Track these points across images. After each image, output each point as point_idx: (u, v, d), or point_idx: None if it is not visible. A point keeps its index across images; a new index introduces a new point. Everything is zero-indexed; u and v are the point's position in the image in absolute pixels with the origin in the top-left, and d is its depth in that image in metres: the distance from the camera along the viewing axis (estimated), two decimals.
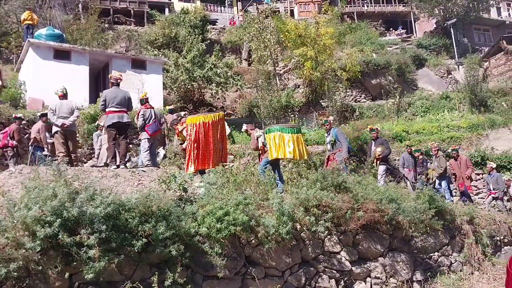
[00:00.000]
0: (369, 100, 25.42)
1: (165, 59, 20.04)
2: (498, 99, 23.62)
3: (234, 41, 28.92)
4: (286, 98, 21.78)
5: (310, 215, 6.48)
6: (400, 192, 7.98)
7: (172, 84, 19.70)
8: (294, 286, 6.27)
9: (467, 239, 8.33)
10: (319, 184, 7.05)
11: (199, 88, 20.30)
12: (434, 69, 28.71)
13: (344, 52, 25.34)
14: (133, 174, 7.96)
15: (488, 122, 19.68)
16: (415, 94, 25.33)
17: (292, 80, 25.74)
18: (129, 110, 9.03)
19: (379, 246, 7.11)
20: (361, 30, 31.03)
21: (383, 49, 28.63)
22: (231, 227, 5.57)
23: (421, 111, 22.57)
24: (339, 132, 10.11)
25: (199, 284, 5.53)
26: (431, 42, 32.04)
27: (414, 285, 7.20)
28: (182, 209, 5.68)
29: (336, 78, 22.94)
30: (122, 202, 5.18)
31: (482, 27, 36.66)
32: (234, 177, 6.65)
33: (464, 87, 23.62)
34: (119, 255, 4.89)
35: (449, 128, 18.86)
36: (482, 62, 29.64)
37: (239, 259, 5.84)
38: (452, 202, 10.19)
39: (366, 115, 22.48)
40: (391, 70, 25.59)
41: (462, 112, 22.16)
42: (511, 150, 15.81)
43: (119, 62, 18.19)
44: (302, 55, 22.34)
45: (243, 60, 28.09)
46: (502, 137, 18.29)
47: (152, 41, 24.34)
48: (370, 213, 6.84)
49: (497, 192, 12.56)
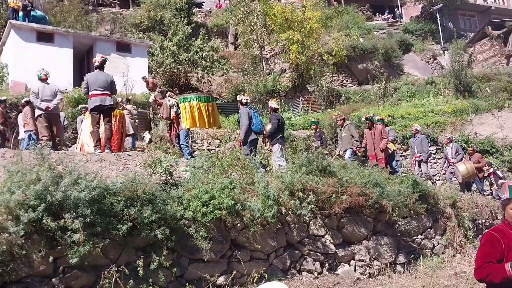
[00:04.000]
0: (356, 85, 25.49)
1: (150, 42, 19.81)
2: (483, 84, 23.84)
3: (220, 25, 28.65)
4: (273, 82, 21.71)
5: (295, 199, 6.53)
6: (385, 176, 8.07)
7: (158, 68, 19.52)
8: (279, 269, 6.34)
9: (449, 223, 8.48)
10: (304, 168, 7.10)
11: (185, 72, 20.14)
12: (420, 54, 28.83)
13: (330, 36, 25.27)
14: (118, 158, 7.91)
15: (472, 108, 19.90)
16: (401, 79, 25.44)
17: (279, 64, 25.65)
18: (113, 94, 8.90)
19: (363, 229, 7.20)
20: (348, 14, 30.94)
21: (369, 34, 28.62)
22: (217, 211, 5.60)
23: (406, 96, 22.71)
24: (241, 112, 9.33)
25: (185, 267, 5.57)
26: (417, 27, 32.10)
27: (398, 267, 7.32)
28: (168, 193, 5.68)
29: (322, 62, 22.92)
30: (107, 186, 5.16)
31: (468, 13, 36.78)
32: (220, 161, 6.65)
33: (449, 72, 23.77)
34: (104, 239, 4.88)
35: (434, 113, 19.02)
36: (467, 47, 29.82)
37: (224, 242, 5.88)
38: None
39: (352, 100, 22.56)
40: (378, 55, 25.64)
41: (447, 97, 22.33)
42: (494, 135, 16.05)
43: (104, 45, 17.95)
44: (289, 39, 22.24)
45: (229, 44, 27.87)
46: (486, 122, 18.53)
47: (137, 24, 24.02)
48: (354, 197, 6.92)
49: (422, 155, 12.33)
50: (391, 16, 35.20)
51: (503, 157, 15.03)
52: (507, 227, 2.91)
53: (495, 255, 2.79)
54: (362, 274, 6.93)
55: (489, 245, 2.85)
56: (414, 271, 7.22)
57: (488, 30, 29.14)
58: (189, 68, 20.22)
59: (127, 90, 16.02)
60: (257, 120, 9.05)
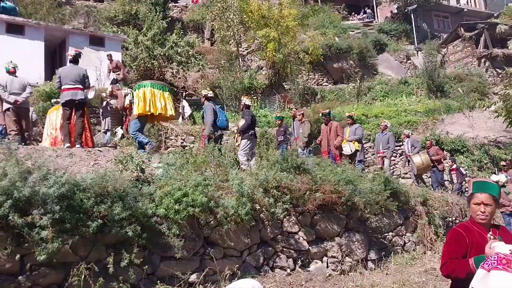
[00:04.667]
0: (331, 84, 25.70)
1: (124, 36, 19.51)
2: (455, 84, 24.39)
3: (197, 20, 28.42)
4: (249, 79, 21.69)
5: (270, 196, 6.52)
6: (358, 174, 8.15)
7: (132, 62, 19.22)
8: (252, 266, 6.33)
9: (420, 220, 8.63)
10: (279, 166, 7.10)
11: (160, 67, 19.89)
12: (394, 55, 29.26)
13: (307, 34, 25.39)
14: (89, 153, 7.76)
15: (444, 107, 20.35)
16: (375, 79, 25.77)
17: (255, 61, 25.63)
18: (86, 88, 8.72)
19: (335, 226, 7.25)
20: (324, 13, 31.14)
21: (345, 33, 28.88)
22: (190, 208, 5.54)
23: (380, 96, 23.03)
24: (206, 107, 9.25)
25: (157, 265, 5.50)
26: (392, 27, 32.56)
27: (369, 264, 7.41)
28: (139, 190, 5.60)
29: (299, 60, 23.02)
30: (77, 182, 5.05)
31: (442, 14, 37.53)
32: (193, 158, 6.59)
33: (422, 72, 24.23)
34: (73, 236, 4.77)
35: (407, 112, 19.37)
36: (441, 48, 30.42)
37: (197, 240, 5.83)
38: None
39: (327, 98, 22.74)
40: (353, 55, 25.91)
41: (420, 97, 22.77)
42: (464, 135, 16.42)
43: (77, 39, 17.59)
44: (265, 37, 22.23)
45: (205, 40, 27.68)
46: (457, 121, 18.97)
47: (111, 17, 23.63)
48: (328, 194, 6.96)
49: (386, 151, 12.24)
50: (366, 16, 35.58)
51: (473, 156, 15.40)
52: (472, 223, 2.98)
53: (460, 251, 2.85)
54: (334, 270, 6.99)
55: (454, 241, 2.91)
56: (385, 268, 7.33)
57: (461, 31, 29.77)
58: (164, 63, 19.99)
59: (100, 84, 15.73)
60: (222, 116, 9.00)
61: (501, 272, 2.39)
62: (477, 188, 3.00)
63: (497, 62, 27.42)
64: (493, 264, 2.45)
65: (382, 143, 12.36)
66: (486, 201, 2.91)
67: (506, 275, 2.37)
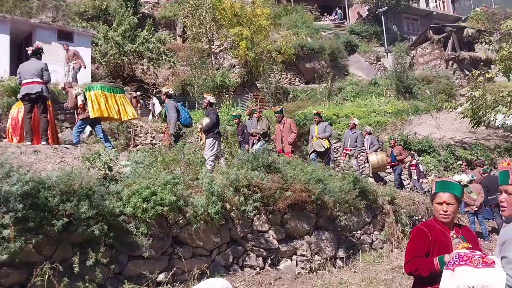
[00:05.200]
0: (303, 84, 25.85)
1: (94, 32, 19.09)
2: (423, 86, 24.91)
3: (169, 17, 28.08)
4: (221, 77, 21.59)
5: (240, 195, 6.51)
6: (328, 173, 8.22)
7: (101, 58, 18.85)
8: (221, 265, 6.30)
9: (387, 219, 8.78)
10: (249, 165, 7.10)
11: (130, 63, 19.59)
12: (365, 56, 29.67)
13: (279, 34, 25.47)
14: (55, 151, 7.57)
15: (412, 108, 20.76)
16: (346, 80, 26.07)
17: (228, 59, 25.54)
18: (46, 82, 8.44)
19: (305, 225, 7.30)
20: (297, 13, 31.28)
21: (317, 34, 29.09)
22: (158, 207, 5.47)
23: (351, 96, 23.32)
24: (168, 105, 9.07)
25: (124, 264, 5.41)
26: (363, 29, 32.98)
27: (338, 262, 7.49)
28: (107, 188, 5.49)
29: (271, 60, 23.06)
30: (42, 179, 4.91)
31: (411, 17, 38.24)
32: (162, 156, 6.50)
33: (392, 74, 24.64)
34: (37, 235, 4.65)
35: (376, 113, 19.65)
36: (410, 50, 30.99)
37: (166, 239, 5.76)
38: None
39: (299, 98, 22.87)
40: (325, 55, 26.12)
41: (389, 98, 23.15)
42: (431, 135, 16.78)
43: (44, 33, 17.10)
44: (238, 35, 22.18)
45: (177, 37, 27.40)
46: (425, 122, 19.37)
47: (81, 12, 23.10)
48: (298, 193, 7.00)
49: (353, 149, 12.14)
50: (337, 17, 35.93)
51: (439, 156, 15.73)
52: (435, 222, 3.04)
53: (423, 248, 2.91)
54: (304, 268, 7.04)
55: (417, 239, 2.97)
56: (353, 266, 7.42)
57: (430, 34, 30.39)
58: (134, 59, 19.69)
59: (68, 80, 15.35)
60: (184, 113, 8.87)
61: (465, 268, 2.50)
62: (439, 187, 3.07)
63: (464, 64, 28.13)
64: (455, 262, 2.54)
65: (351, 140, 12.29)
66: (448, 201, 2.98)
67: (470, 269, 2.47)
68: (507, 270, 2.45)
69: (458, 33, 28.98)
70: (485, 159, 15.61)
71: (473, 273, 2.45)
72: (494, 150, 16.90)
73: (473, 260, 2.51)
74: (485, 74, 15.26)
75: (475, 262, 2.50)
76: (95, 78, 17.17)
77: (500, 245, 2.59)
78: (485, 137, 18.48)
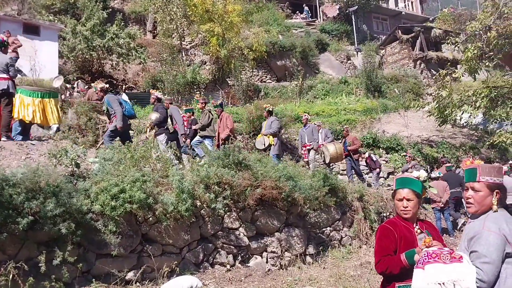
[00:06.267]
0: (275, 81, 25.91)
1: (61, 26, 18.63)
2: (391, 85, 25.35)
3: (139, 12, 27.65)
4: (192, 74, 21.41)
5: (211, 192, 6.50)
6: (298, 170, 8.28)
7: (69, 53, 18.42)
8: (191, 262, 6.28)
9: (356, 215, 8.92)
10: (220, 162, 7.08)
11: (99, 58, 19.20)
12: (335, 54, 29.95)
13: (251, 31, 25.43)
14: (20, 147, 7.36)
15: (381, 107, 21.12)
16: (316, 78, 26.27)
17: (199, 56, 25.36)
18: (12, 77, 8.17)
19: (276, 221, 7.34)
20: (268, 10, 31.29)
21: (289, 32, 29.18)
22: (127, 205, 5.41)
23: (321, 94, 23.52)
24: (109, 99, 8.69)
25: (92, 262, 5.33)
26: (334, 27, 33.28)
27: (307, 258, 7.56)
28: (74, 185, 5.39)
29: (243, 57, 23.01)
30: (6, 176, 4.79)
31: (381, 16, 38.86)
32: (131, 153, 6.42)
33: (361, 72, 25.00)
34: (1, 233, 4.54)
35: (346, 111, 19.90)
36: (379, 49, 31.49)
37: (135, 237, 5.70)
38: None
39: (270, 95, 22.93)
40: (296, 53, 26.25)
41: (359, 97, 23.46)
42: (400, 133, 17.11)
43: (9, 26, 16.58)
44: (209, 31, 22.04)
45: (147, 32, 27.02)
46: (393, 121, 19.72)
47: (48, 5, 22.47)
48: (268, 190, 7.03)
49: (312, 143, 12.02)
50: (310, 15, 36.16)
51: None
52: (399, 219, 3.10)
53: (390, 246, 2.97)
54: (274, 265, 7.08)
55: (384, 237, 3.02)
56: (323, 262, 7.52)
57: (398, 34, 30.93)
58: (103, 54, 19.31)
59: (34, 75, 14.97)
60: (127, 105, 8.71)
61: (434, 265, 2.57)
62: (399, 184, 3.13)
63: (431, 64, 28.77)
64: (424, 260, 2.61)
65: (307, 135, 12.19)
66: (407, 196, 3.05)
67: (438, 265, 2.55)
68: (477, 263, 2.53)
69: (426, 33, 29.61)
70: (451, 157, 16.04)
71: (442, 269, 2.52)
72: (459, 148, 17.37)
73: (441, 257, 2.58)
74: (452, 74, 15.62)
75: (443, 258, 2.57)
76: (62, 73, 16.76)
77: (468, 240, 2.67)
78: (451, 135, 18.98)
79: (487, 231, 2.57)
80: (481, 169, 2.74)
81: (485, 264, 2.51)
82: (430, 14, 41.55)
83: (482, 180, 2.72)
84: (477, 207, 2.73)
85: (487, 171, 2.73)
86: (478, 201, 2.72)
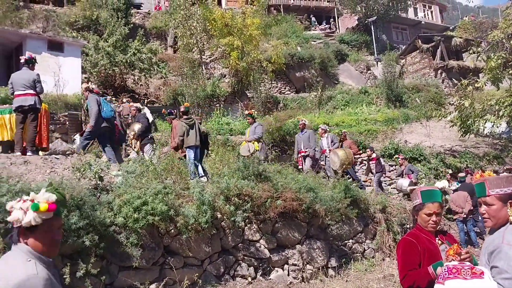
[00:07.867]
0: (293, 92, 25.95)
1: (84, 42, 19.07)
2: (413, 95, 25.09)
3: (159, 27, 28.17)
4: (212, 87, 21.63)
5: (231, 204, 6.52)
6: (319, 181, 8.24)
7: (92, 69, 18.83)
8: (213, 275, 6.29)
9: (379, 227, 8.80)
10: (240, 173, 7.10)
11: (121, 73, 19.58)
12: (355, 65, 29.87)
13: (270, 44, 25.60)
14: (45, 161, 7.52)
15: (402, 117, 20.90)
16: (336, 88, 26.19)
17: (218, 69, 25.61)
18: (39, 93, 8.38)
19: (297, 233, 7.31)
20: (287, 23, 31.49)
21: (307, 43, 29.28)
22: (149, 217, 5.47)
23: (341, 105, 23.42)
24: (90, 99, 8.67)
25: (115, 275, 5.38)
26: (353, 38, 33.25)
27: (329, 271, 7.49)
28: (97, 198, 5.48)
29: (261, 69, 23.13)
30: (32, 190, 4.88)
31: (400, 26, 38.69)
32: (153, 166, 6.50)
33: (382, 82, 24.83)
34: None
35: (367, 121, 19.74)
36: (399, 59, 31.26)
37: (157, 249, 5.75)
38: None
39: (290, 106, 22.93)
40: (315, 64, 26.27)
41: (379, 107, 23.29)
42: (422, 143, 16.89)
43: (34, 43, 17.06)
44: (229, 45, 22.28)
45: (168, 47, 27.46)
46: (415, 131, 19.49)
47: (71, 22, 23.10)
48: (289, 201, 7.01)
49: (308, 150, 11.55)
50: (328, 26, 36.24)
51: (430, 164, 15.81)
52: (420, 231, 3.03)
53: (415, 260, 2.90)
54: (295, 278, 7.03)
55: (408, 251, 2.95)
56: (345, 275, 7.42)
57: (418, 43, 30.68)
58: (125, 69, 19.68)
59: (58, 91, 15.31)
60: (106, 106, 8.71)
61: (454, 281, 2.52)
62: (427, 198, 3.03)
63: (452, 73, 28.41)
64: (445, 275, 2.57)
65: (303, 142, 11.74)
66: (437, 211, 2.98)
67: (459, 281, 2.50)
68: (498, 280, 2.47)
69: (446, 42, 29.30)
70: (475, 167, 15.74)
71: (463, 285, 2.48)
72: (483, 158, 17.03)
73: (462, 272, 2.54)
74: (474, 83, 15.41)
75: (464, 274, 2.53)
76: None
77: (489, 254, 2.61)
78: (474, 145, 18.64)
79: (506, 245, 2.50)
80: (489, 183, 2.67)
81: (506, 280, 2.44)
82: (450, 23, 41.21)
83: (492, 193, 2.64)
84: (493, 221, 2.66)
85: (495, 184, 2.65)
86: (493, 215, 2.65)
